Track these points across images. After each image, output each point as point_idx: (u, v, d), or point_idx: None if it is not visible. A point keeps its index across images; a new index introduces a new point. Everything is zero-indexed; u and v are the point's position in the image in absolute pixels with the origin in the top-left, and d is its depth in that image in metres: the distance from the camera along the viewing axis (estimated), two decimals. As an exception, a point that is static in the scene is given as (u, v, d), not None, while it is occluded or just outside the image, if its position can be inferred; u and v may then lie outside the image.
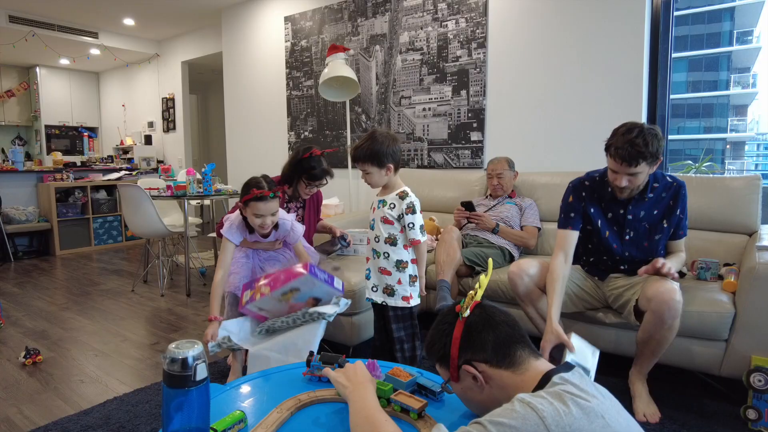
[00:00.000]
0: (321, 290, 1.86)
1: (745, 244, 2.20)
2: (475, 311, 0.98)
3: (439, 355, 1.01)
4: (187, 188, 3.53)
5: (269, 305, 1.86)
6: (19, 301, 3.46)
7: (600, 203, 1.94)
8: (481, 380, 0.93)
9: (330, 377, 1.12)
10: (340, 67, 3.49)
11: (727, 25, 24.86)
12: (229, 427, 0.99)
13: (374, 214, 1.86)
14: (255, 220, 1.91)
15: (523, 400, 0.78)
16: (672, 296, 1.66)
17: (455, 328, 0.98)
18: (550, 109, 3.13)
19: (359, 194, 4.14)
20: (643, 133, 1.69)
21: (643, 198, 1.87)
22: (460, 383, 0.98)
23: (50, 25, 5.45)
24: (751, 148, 26.57)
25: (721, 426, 1.72)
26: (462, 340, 0.96)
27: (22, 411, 1.91)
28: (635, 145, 1.68)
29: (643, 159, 1.69)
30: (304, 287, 1.82)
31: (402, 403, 1.10)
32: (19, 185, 5.23)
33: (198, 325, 2.90)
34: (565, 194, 2.00)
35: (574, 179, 2.01)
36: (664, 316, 1.67)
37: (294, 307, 1.87)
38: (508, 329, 0.96)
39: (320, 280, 1.81)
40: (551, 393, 0.79)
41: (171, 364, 0.81)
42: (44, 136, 7.26)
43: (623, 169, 1.74)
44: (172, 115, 6.43)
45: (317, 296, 1.88)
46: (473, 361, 0.94)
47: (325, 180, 2.29)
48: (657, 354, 1.77)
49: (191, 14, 5.39)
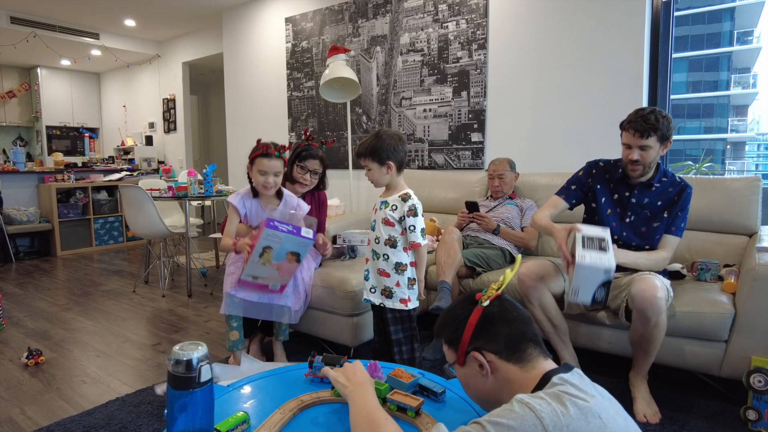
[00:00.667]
0: (291, 243, 1.86)
1: (745, 245, 2.21)
2: (494, 303, 0.99)
3: (451, 337, 1.02)
4: (188, 189, 3.54)
5: (257, 271, 1.92)
6: (20, 302, 3.47)
7: (609, 183, 2.06)
8: (487, 369, 0.94)
9: (330, 377, 1.14)
10: (341, 68, 3.50)
11: (727, 26, 24.87)
12: (232, 428, 1.00)
13: (376, 215, 1.86)
14: (259, 178, 2.01)
15: (521, 401, 0.79)
16: (654, 293, 1.70)
17: (472, 314, 0.99)
18: (550, 110, 3.14)
19: (360, 195, 4.15)
20: (655, 112, 1.84)
21: (650, 186, 1.97)
22: (464, 368, 1.00)
23: (51, 26, 5.46)
24: (751, 149, 26.57)
25: (721, 427, 1.72)
26: (477, 327, 0.97)
27: (25, 411, 1.91)
28: (647, 119, 1.83)
29: (654, 132, 1.83)
30: (273, 243, 1.84)
31: (399, 402, 1.11)
32: (20, 186, 5.23)
33: (199, 326, 2.91)
34: (578, 170, 2.15)
35: (593, 159, 2.15)
36: (648, 314, 1.70)
37: (282, 267, 1.91)
38: (523, 326, 0.97)
39: (283, 232, 1.82)
40: (550, 394, 0.80)
41: (176, 365, 0.82)
42: (45, 136, 7.27)
43: (635, 141, 1.86)
44: (173, 116, 6.44)
45: (293, 251, 1.88)
46: (483, 349, 0.96)
47: (316, 163, 2.30)
48: (650, 353, 1.78)
49: (192, 15, 5.40)
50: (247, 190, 2.13)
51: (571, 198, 2.11)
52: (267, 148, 2.00)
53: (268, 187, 2.03)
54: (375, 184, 1.84)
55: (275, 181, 2.03)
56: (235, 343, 2.13)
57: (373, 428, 0.92)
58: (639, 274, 1.86)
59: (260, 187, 2.04)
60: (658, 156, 1.91)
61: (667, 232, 1.95)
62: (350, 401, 1.04)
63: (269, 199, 2.13)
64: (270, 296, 2.07)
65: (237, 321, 2.13)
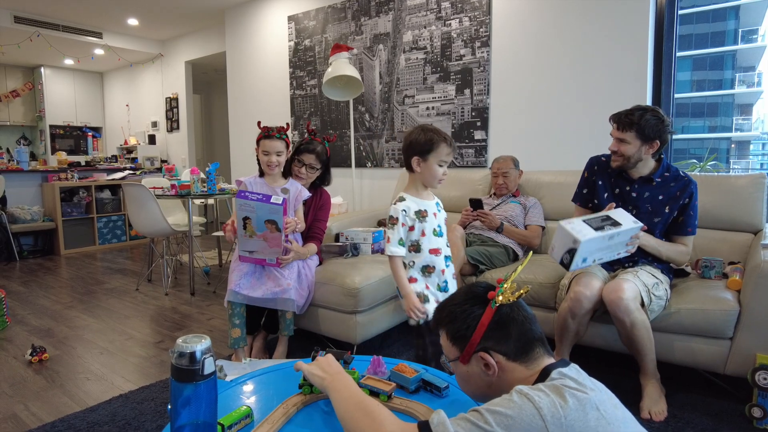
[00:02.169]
0: (263, 210, 1.97)
1: (749, 242, 2.20)
2: (505, 302, 0.96)
3: (457, 334, 0.98)
4: (191, 187, 3.54)
5: (248, 245, 2.08)
6: (24, 300, 3.48)
7: (610, 178, 2.08)
8: (495, 370, 0.93)
9: (303, 370, 1.08)
10: (344, 66, 3.49)
11: (731, 24, 24.76)
12: (235, 422, 1.00)
13: (437, 220, 1.74)
14: (263, 158, 2.20)
15: (521, 392, 0.79)
16: (618, 295, 1.71)
17: (485, 314, 0.95)
18: (553, 108, 3.13)
19: (362, 193, 4.15)
20: (641, 109, 1.89)
21: (650, 180, 1.98)
22: (467, 366, 0.97)
23: (55, 26, 5.48)
24: (756, 147, 26.44)
25: (725, 424, 1.71)
26: (488, 328, 0.94)
27: (29, 408, 1.92)
28: (629, 115, 1.89)
29: (630, 128, 1.88)
30: (249, 213, 1.99)
31: (372, 386, 1.12)
32: (24, 185, 5.25)
33: (202, 324, 2.91)
34: (583, 169, 2.19)
35: (594, 156, 2.17)
36: (617, 315, 1.72)
37: (267, 238, 2.04)
38: (532, 326, 0.95)
39: (253, 200, 1.95)
40: (549, 386, 0.81)
41: (179, 358, 0.82)
42: (49, 136, 7.30)
43: (614, 132, 1.94)
44: (176, 115, 6.46)
45: (268, 218, 1.99)
46: (492, 350, 0.93)
47: (311, 157, 2.31)
48: (642, 353, 1.78)
49: (195, 14, 5.40)
50: (256, 174, 2.33)
51: (586, 202, 2.15)
52: (267, 130, 2.20)
53: (272, 165, 2.20)
54: (438, 183, 1.71)
55: (278, 161, 2.20)
56: (237, 340, 2.14)
57: (368, 414, 0.88)
58: (616, 277, 1.88)
59: (265, 166, 2.22)
60: (639, 152, 1.91)
61: (682, 233, 1.96)
62: (332, 391, 0.99)
63: (275, 178, 2.28)
64: (274, 292, 2.08)
65: (239, 319, 2.14)
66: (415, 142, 1.66)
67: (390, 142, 3.93)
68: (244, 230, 2.04)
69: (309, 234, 2.38)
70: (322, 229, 2.43)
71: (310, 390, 1.14)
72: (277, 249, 2.07)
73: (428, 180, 1.70)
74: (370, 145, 4.05)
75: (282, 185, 2.26)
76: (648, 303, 1.78)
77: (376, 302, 2.29)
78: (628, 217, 1.77)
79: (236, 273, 2.13)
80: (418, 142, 1.65)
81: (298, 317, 2.34)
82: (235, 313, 2.13)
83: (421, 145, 1.65)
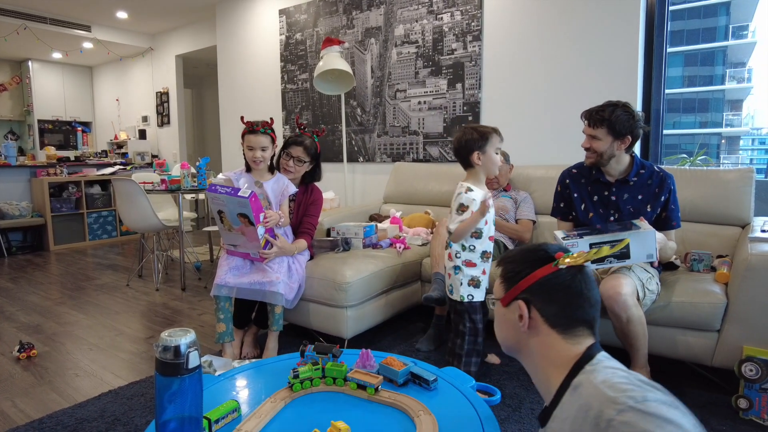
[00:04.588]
0: (233, 203, 1.98)
1: (737, 236, 2.22)
2: (572, 270, 0.90)
3: (509, 274, 0.95)
4: (181, 182, 3.51)
5: (230, 238, 2.10)
6: (13, 296, 3.44)
7: (587, 187, 2.08)
8: (526, 324, 0.90)
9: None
10: (335, 60, 3.48)
11: (722, 20, 24.92)
12: (222, 417, 0.99)
13: (492, 209, 1.83)
14: (248, 153, 2.18)
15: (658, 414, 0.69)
16: (617, 290, 1.72)
17: (542, 267, 0.91)
18: (544, 103, 3.13)
19: (354, 188, 4.14)
20: (612, 105, 1.89)
21: (626, 181, 1.98)
22: (504, 309, 0.95)
23: (42, 18, 5.40)
24: (746, 143, 26.71)
25: (712, 415, 1.73)
26: (538, 282, 0.90)
27: (17, 404, 1.90)
28: (600, 111, 1.90)
29: (602, 124, 1.88)
30: (221, 206, 2.00)
31: (359, 380, 1.13)
32: (12, 180, 5.19)
33: (193, 319, 2.89)
34: (557, 183, 2.19)
35: (565, 169, 2.17)
36: (615, 311, 1.73)
37: (245, 232, 2.04)
38: (587, 307, 0.89)
39: (221, 194, 1.96)
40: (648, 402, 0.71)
41: (164, 352, 0.81)
42: (37, 130, 7.21)
43: (586, 129, 1.96)
44: (167, 110, 6.40)
45: (239, 212, 1.99)
46: (532, 304, 0.90)
47: (299, 150, 2.31)
48: (637, 347, 1.79)
49: (185, 7, 5.35)
50: (243, 168, 2.29)
51: (565, 215, 2.17)
52: (251, 125, 2.17)
53: (257, 161, 2.18)
54: (497, 169, 1.91)
55: (263, 156, 2.18)
56: (222, 335, 2.13)
57: None
58: (611, 272, 1.88)
59: (251, 161, 2.20)
60: (612, 148, 1.91)
61: (667, 227, 1.97)
62: None
63: (262, 173, 2.25)
64: (261, 283, 2.08)
65: (224, 314, 2.14)
66: (471, 140, 1.83)
67: (382, 136, 3.92)
68: (222, 223, 2.06)
69: (300, 229, 2.37)
70: (314, 225, 2.41)
71: (300, 386, 1.14)
72: (257, 243, 2.06)
73: (490, 168, 1.87)
74: (361, 139, 4.03)
75: (268, 180, 2.24)
76: (642, 297, 1.79)
77: (367, 297, 2.29)
78: (647, 241, 1.75)
79: (224, 267, 2.12)
80: (474, 139, 1.83)
81: (288, 312, 2.33)
82: (220, 308, 2.13)
83: (477, 141, 1.83)
